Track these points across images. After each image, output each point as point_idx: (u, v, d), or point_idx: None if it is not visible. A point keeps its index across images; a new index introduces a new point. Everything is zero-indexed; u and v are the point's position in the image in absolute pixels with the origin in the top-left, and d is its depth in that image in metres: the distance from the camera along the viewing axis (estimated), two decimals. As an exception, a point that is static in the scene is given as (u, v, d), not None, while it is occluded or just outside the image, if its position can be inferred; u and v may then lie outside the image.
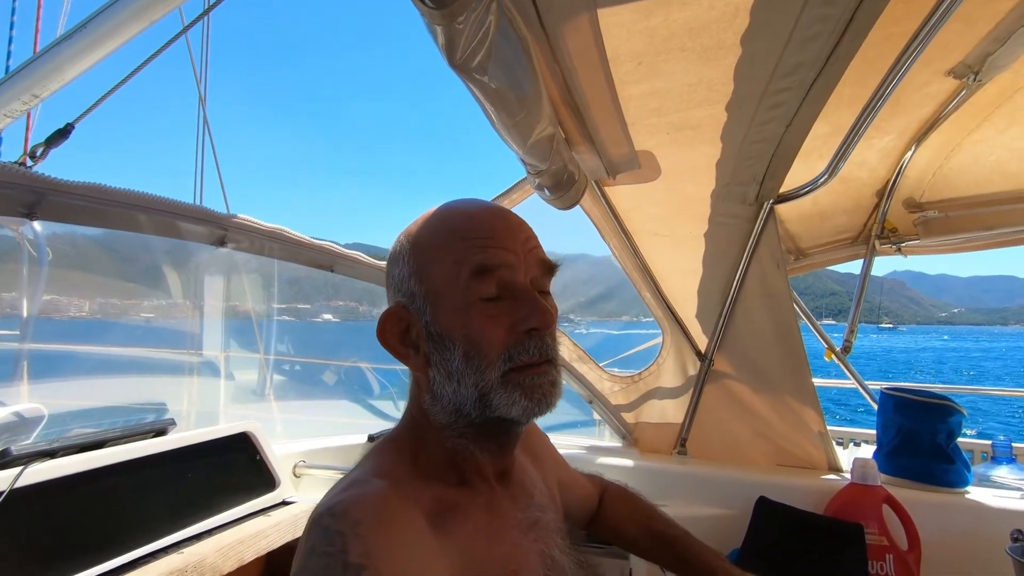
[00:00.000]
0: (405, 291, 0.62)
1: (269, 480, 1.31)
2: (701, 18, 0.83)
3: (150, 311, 2.76)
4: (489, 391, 0.59)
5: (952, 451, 1.48)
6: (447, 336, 0.59)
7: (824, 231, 2.02)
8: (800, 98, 1.02)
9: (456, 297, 0.59)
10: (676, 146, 1.22)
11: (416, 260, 0.61)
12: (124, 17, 1.00)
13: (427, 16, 0.57)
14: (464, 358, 0.59)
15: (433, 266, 0.60)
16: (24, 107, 1.12)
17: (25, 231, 1.90)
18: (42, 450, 0.94)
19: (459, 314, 0.59)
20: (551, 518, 0.71)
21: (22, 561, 0.84)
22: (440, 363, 0.60)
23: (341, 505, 0.53)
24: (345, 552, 0.48)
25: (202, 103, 3.04)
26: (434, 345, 0.60)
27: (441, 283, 0.60)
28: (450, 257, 0.60)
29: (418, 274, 0.61)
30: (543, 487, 0.76)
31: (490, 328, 0.58)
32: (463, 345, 0.59)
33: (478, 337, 0.58)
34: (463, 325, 0.59)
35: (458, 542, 0.56)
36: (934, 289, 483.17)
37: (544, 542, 0.66)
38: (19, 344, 2.00)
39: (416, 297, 0.61)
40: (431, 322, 0.60)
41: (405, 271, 0.62)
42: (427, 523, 0.55)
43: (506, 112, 0.79)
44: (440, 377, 0.61)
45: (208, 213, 0.91)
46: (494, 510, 0.64)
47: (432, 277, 0.60)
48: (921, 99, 1.42)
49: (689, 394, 1.75)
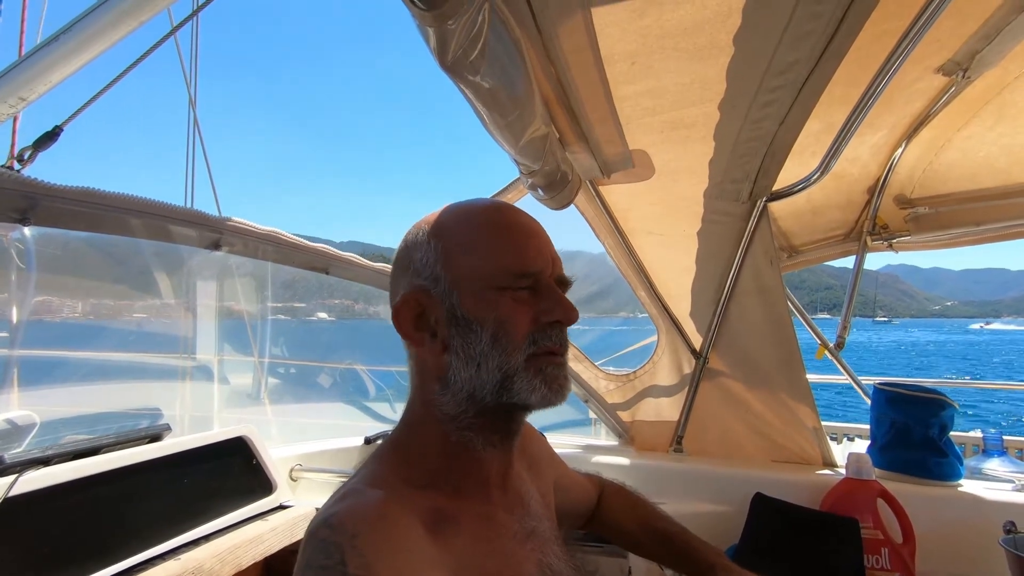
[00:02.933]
0: (428, 275, 0.63)
1: (266, 484, 1.30)
2: (694, 17, 0.83)
3: (143, 312, 2.74)
4: (513, 374, 0.61)
5: (945, 444, 1.49)
6: (474, 320, 0.61)
7: (816, 228, 2.04)
8: (793, 96, 1.02)
9: (487, 285, 0.62)
10: (670, 145, 1.22)
11: (446, 247, 0.63)
12: (112, 18, 0.99)
13: (418, 18, 0.57)
14: (492, 340, 0.61)
15: (466, 256, 0.62)
16: (11, 110, 1.11)
17: (14, 236, 1.88)
18: (36, 458, 0.93)
19: (489, 300, 0.61)
20: (547, 527, 0.71)
21: (17, 570, 0.83)
22: (462, 347, 0.61)
23: (338, 517, 0.52)
24: (344, 564, 0.48)
25: (192, 104, 3.02)
26: (457, 329, 0.62)
27: (473, 271, 0.62)
28: (486, 251, 0.63)
29: (446, 260, 0.62)
30: (539, 496, 0.76)
31: (518, 313, 0.62)
32: (492, 327, 0.61)
33: (507, 320, 0.61)
34: (493, 309, 0.61)
35: (456, 552, 0.56)
36: (927, 283, 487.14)
37: (542, 551, 0.66)
38: (9, 350, 1.97)
39: (441, 281, 0.62)
40: (457, 305, 0.62)
41: (430, 256, 0.63)
42: (425, 533, 0.55)
43: (498, 112, 0.79)
44: (458, 362, 0.62)
45: (202, 216, 0.90)
46: (491, 520, 0.64)
47: (463, 265, 0.62)
48: (911, 95, 1.44)
49: (684, 392, 1.76)
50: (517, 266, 0.62)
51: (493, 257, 0.62)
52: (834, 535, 1.31)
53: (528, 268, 0.63)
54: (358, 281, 1.37)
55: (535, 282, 0.64)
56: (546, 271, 0.65)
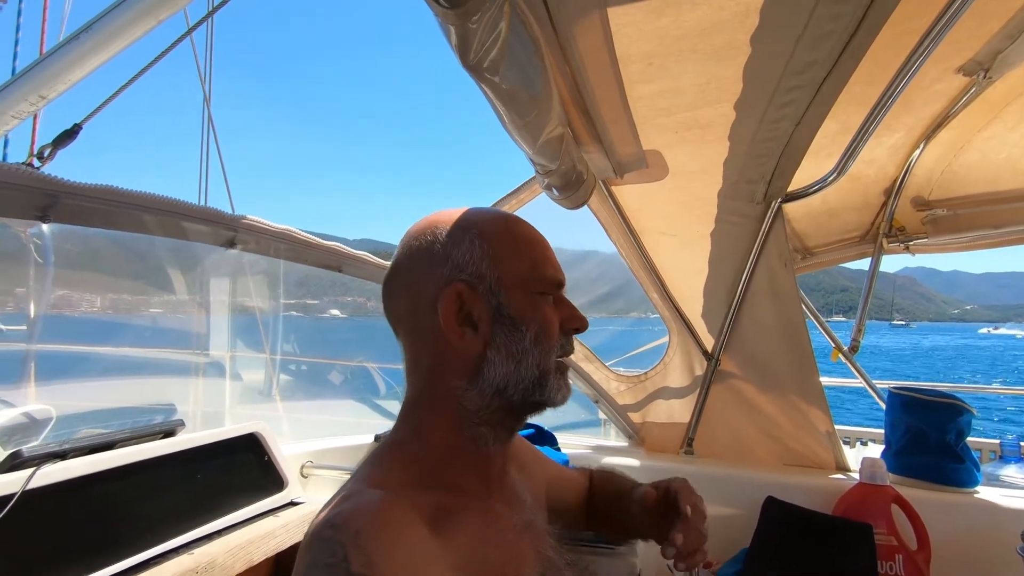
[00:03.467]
0: (473, 271, 0.64)
1: (278, 481, 1.31)
2: (712, 18, 0.82)
3: (158, 307, 2.77)
4: (547, 373, 0.66)
5: (961, 450, 1.47)
6: (520, 319, 0.65)
7: (832, 229, 2.02)
8: (811, 96, 1.01)
9: (532, 289, 0.67)
10: (685, 145, 1.21)
11: (492, 248, 0.65)
12: (130, 18, 1.00)
13: (441, 16, 0.57)
14: (534, 340, 0.65)
15: (513, 259, 0.66)
16: (32, 108, 1.12)
17: (32, 233, 1.90)
18: (53, 451, 0.94)
19: (534, 302, 0.66)
20: (541, 519, 0.73)
21: (34, 562, 0.84)
22: (504, 344, 0.64)
23: (340, 516, 0.52)
24: (347, 562, 0.48)
25: (207, 102, 3.04)
26: (501, 327, 0.64)
27: (519, 274, 0.66)
28: (530, 260, 0.68)
29: (493, 260, 0.65)
30: (530, 491, 0.78)
31: (554, 318, 0.68)
32: (535, 328, 0.65)
33: (546, 323, 0.66)
34: (535, 310, 0.66)
35: (458, 546, 0.57)
36: (946, 285, 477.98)
37: (539, 543, 0.67)
38: (27, 345, 2.00)
39: (487, 279, 0.64)
40: (504, 305, 0.64)
41: (476, 253, 0.65)
42: (426, 530, 0.55)
43: (517, 112, 0.79)
44: (498, 358, 0.64)
45: (217, 214, 0.90)
46: (490, 514, 0.65)
47: (511, 268, 0.66)
48: (931, 96, 1.42)
49: (696, 393, 1.75)
50: (552, 275, 0.69)
51: (536, 264, 0.68)
52: (847, 540, 1.30)
53: (559, 278, 0.69)
54: (371, 280, 1.37)
55: (557, 292, 0.70)
56: (565, 283, 0.71)
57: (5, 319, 2.14)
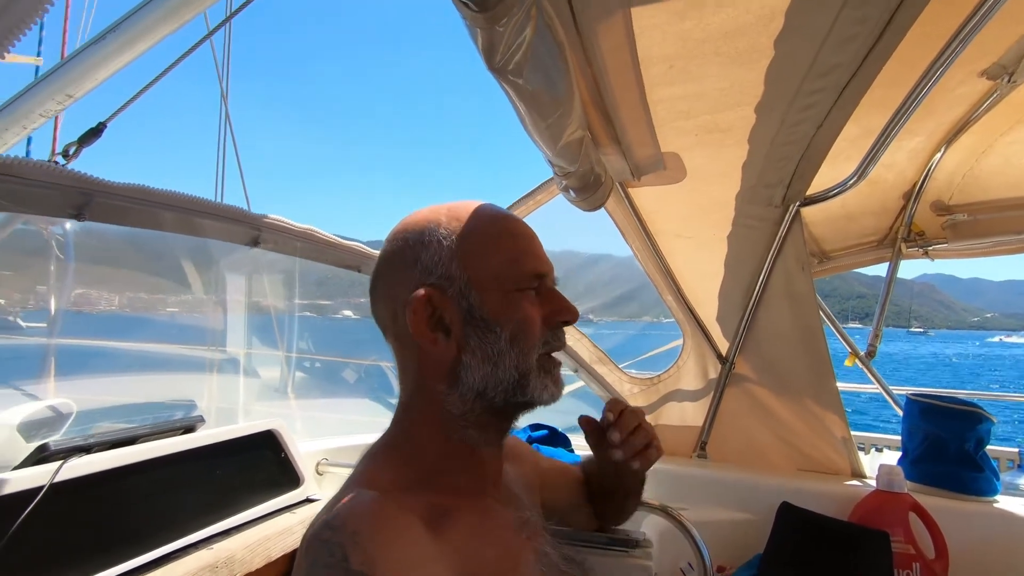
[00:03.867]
0: (440, 274, 0.62)
1: (294, 478, 1.32)
2: (736, 21, 0.82)
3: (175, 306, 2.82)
4: (528, 373, 0.63)
5: (980, 459, 1.45)
6: (493, 320, 0.62)
7: (849, 233, 2.00)
8: (833, 99, 1.01)
9: (506, 287, 0.63)
10: (703, 148, 1.21)
11: (462, 248, 0.63)
12: (154, 20, 1.02)
13: (469, 19, 0.57)
14: (510, 340, 0.62)
15: (484, 257, 0.63)
16: (59, 107, 1.14)
17: (54, 230, 1.94)
18: (78, 445, 0.95)
19: (509, 301, 0.63)
20: (537, 517, 0.72)
21: (59, 553, 0.85)
22: (479, 346, 0.62)
23: (337, 518, 0.53)
24: (346, 560, 0.49)
25: (224, 100, 3.08)
26: (474, 329, 0.62)
27: (492, 272, 0.63)
28: (504, 255, 0.64)
29: (462, 260, 0.62)
30: (525, 489, 0.78)
31: (534, 314, 0.64)
32: (511, 328, 0.62)
33: (525, 321, 0.63)
34: (513, 310, 0.63)
35: (455, 545, 0.57)
36: (966, 293, 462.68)
37: (536, 540, 0.67)
38: (47, 340, 2.04)
39: (456, 281, 0.62)
40: (476, 306, 0.62)
41: (444, 254, 0.62)
42: (423, 528, 0.55)
43: (540, 114, 0.79)
44: (474, 361, 0.62)
45: (243, 214, 0.92)
46: (486, 512, 0.65)
47: (481, 266, 0.63)
48: (953, 100, 1.40)
49: (709, 397, 1.74)
50: (532, 268, 0.64)
51: (510, 259, 0.64)
52: (864, 548, 1.29)
53: (538, 269, 0.65)
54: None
55: (541, 284, 0.66)
56: (551, 274, 0.67)
57: (26, 316, 2.18)
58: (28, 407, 1.37)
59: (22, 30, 0.37)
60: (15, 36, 0.37)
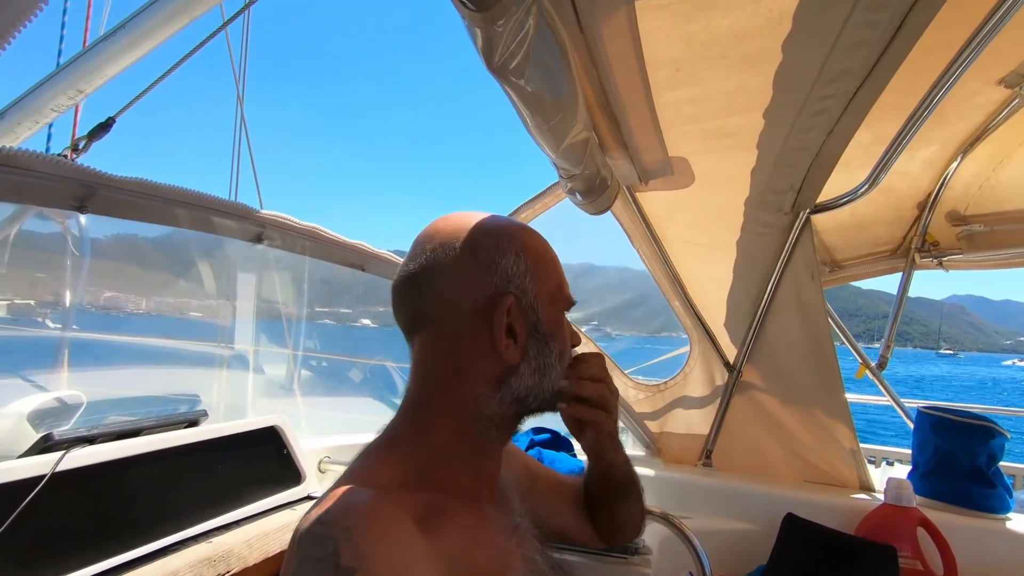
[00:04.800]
0: (518, 285, 0.65)
1: (295, 474, 1.33)
2: (744, 24, 0.81)
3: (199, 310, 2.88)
4: (559, 387, 0.70)
5: (993, 475, 1.42)
6: (550, 335, 0.67)
7: (861, 243, 1.97)
8: (843, 106, 0.99)
9: (558, 307, 0.70)
10: (711, 153, 1.20)
11: (533, 264, 0.67)
12: (166, 15, 1.04)
13: (467, 19, 0.57)
14: (559, 356, 0.69)
15: (546, 276, 0.69)
16: (70, 101, 1.16)
17: (70, 225, 1.97)
18: (82, 436, 0.96)
19: (558, 319, 0.69)
20: (528, 523, 0.72)
21: (60, 541, 0.86)
22: (536, 357, 0.66)
23: (330, 513, 0.53)
24: (337, 555, 0.49)
25: (240, 101, 3.11)
26: (535, 341, 0.66)
27: (549, 293, 0.68)
28: (557, 278, 0.70)
29: (535, 276, 0.67)
30: (518, 495, 0.78)
31: (567, 336, 0.71)
32: (559, 345, 0.69)
33: (567, 340, 0.71)
34: (559, 328, 0.69)
35: (447, 546, 0.57)
36: (998, 315, 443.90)
37: (525, 546, 0.67)
38: (61, 332, 2.07)
39: (528, 294, 0.66)
40: (541, 321, 0.67)
41: (520, 267, 0.66)
42: (416, 528, 0.55)
43: (541, 116, 0.79)
44: (528, 371, 0.66)
45: (246, 210, 0.92)
46: (480, 515, 0.65)
47: (544, 285, 0.68)
48: (969, 109, 1.38)
49: (716, 405, 1.72)
50: (569, 295, 0.72)
51: (559, 283, 0.70)
52: (870, 562, 1.26)
53: (573, 298, 0.72)
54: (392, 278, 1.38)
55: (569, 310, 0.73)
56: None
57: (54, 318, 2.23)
58: (37, 398, 1.39)
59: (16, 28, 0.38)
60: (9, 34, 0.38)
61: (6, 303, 2.40)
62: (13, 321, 2.30)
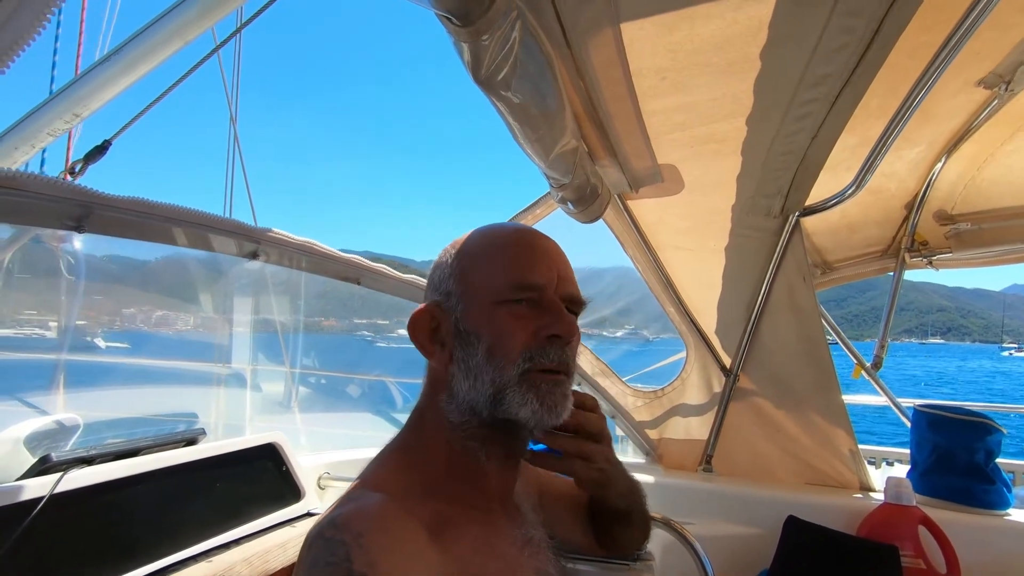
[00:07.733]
0: (442, 290, 0.65)
1: (295, 491, 1.32)
2: (725, 32, 0.83)
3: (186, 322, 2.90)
4: (504, 388, 0.60)
5: (991, 471, 1.42)
6: (473, 333, 0.62)
7: (852, 244, 1.99)
8: (827, 109, 1.01)
9: (489, 298, 0.62)
10: (700, 159, 1.22)
11: (460, 264, 0.65)
12: (159, 39, 1.05)
13: (453, 33, 0.59)
14: (487, 354, 0.61)
15: (475, 272, 0.64)
16: (66, 126, 1.17)
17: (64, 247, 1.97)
18: (80, 457, 0.96)
19: (488, 313, 0.62)
20: (541, 535, 0.71)
21: (60, 563, 0.86)
22: (462, 359, 0.63)
23: (343, 518, 0.53)
24: (349, 561, 0.49)
25: (233, 122, 3.13)
26: (459, 341, 0.63)
27: (478, 286, 0.63)
28: (493, 266, 0.64)
29: (458, 276, 0.65)
30: (532, 506, 0.77)
31: (515, 327, 0.61)
32: (487, 341, 0.61)
33: (502, 333, 0.61)
34: (490, 323, 0.62)
35: (457, 556, 0.57)
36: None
37: (538, 558, 0.66)
38: (56, 355, 2.06)
39: (452, 296, 0.64)
40: (461, 319, 0.63)
41: (446, 272, 0.66)
42: (427, 537, 0.55)
43: (529, 127, 0.80)
44: (459, 374, 0.63)
45: (242, 227, 0.93)
46: (491, 526, 0.64)
47: (471, 280, 0.64)
48: (951, 109, 1.40)
49: (714, 410, 1.73)
50: (516, 278, 0.62)
51: (496, 272, 0.63)
52: (872, 562, 1.26)
53: (526, 280, 0.62)
54: (388, 292, 1.39)
55: (539, 296, 0.63)
56: (550, 286, 0.63)
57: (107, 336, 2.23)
58: (35, 421, 1.38)
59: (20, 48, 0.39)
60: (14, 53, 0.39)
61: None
62: (10, 344, 2.30)
